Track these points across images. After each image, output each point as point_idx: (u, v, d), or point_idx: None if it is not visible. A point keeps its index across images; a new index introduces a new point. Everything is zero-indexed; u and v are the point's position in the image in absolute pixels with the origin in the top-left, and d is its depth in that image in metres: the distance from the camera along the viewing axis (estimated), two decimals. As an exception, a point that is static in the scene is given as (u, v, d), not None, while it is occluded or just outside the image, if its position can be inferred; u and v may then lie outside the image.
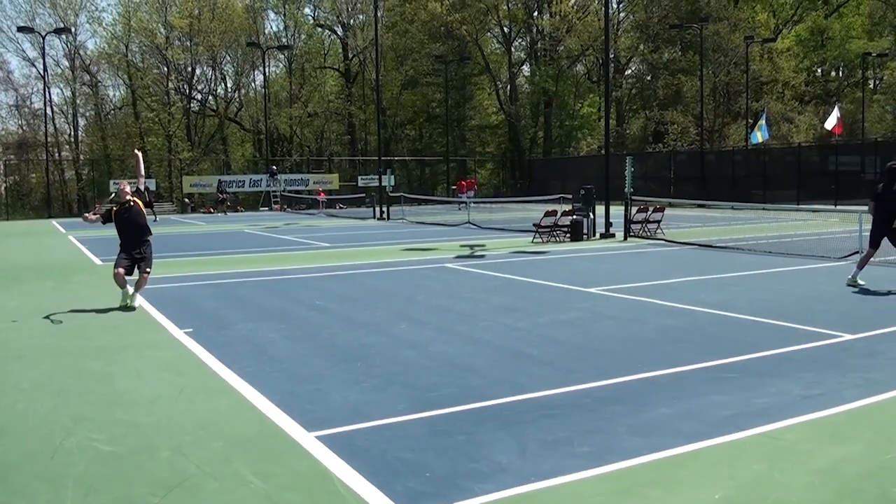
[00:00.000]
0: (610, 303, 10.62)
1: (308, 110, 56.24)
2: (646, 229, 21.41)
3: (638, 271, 14.10)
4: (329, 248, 20.05)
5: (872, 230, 11.52)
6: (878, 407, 5.84)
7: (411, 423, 5.52)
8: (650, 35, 56.46)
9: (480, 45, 57.15)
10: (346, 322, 9.47)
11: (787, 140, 49.09)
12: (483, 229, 25.50)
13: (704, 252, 17.53)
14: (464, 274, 14.11)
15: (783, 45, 55.92)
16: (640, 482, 4.46)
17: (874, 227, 11.48)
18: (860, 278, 11.46)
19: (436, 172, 59.10)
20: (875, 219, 11.45)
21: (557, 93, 57.21)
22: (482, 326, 9.01)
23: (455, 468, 4.67)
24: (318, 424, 5.49)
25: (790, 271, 13.58)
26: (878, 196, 11.45)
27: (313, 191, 46.57)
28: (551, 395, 6.16)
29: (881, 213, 11.35)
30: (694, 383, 6.45)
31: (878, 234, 11.41)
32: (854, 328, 8.54)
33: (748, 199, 37.71)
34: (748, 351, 7.52)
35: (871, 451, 4.93)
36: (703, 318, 9.40)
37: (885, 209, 11.31)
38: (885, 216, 11.30)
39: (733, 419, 5.50)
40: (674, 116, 53.33)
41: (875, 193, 11.58)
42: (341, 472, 4.61)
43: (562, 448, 4.98)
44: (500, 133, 63.10)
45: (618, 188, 22.96)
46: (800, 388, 6.29)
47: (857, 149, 40.42)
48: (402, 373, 6.92)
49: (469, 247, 19.20)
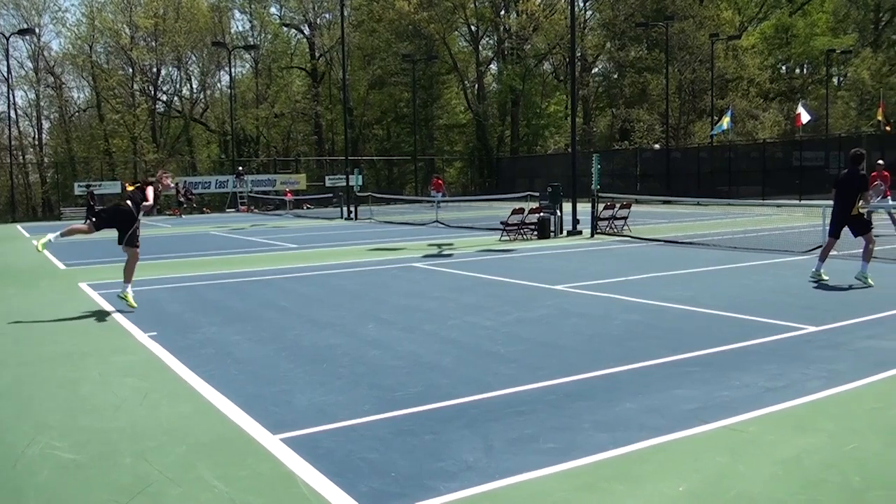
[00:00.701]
0: (577, 300, 10.66)
1: (275, 110, 55.85)
2: (612, 226, 21.55)
3: (605, 268, 14.17)
4: (296, 248, 19.94)
5: (832, 219, 11.50)
6: (841, 398, 5.92)
7: (377, 424, 5.50)
8: (616, 33, 56.87)
9: (448, 44, 57.15)
10: (313, 323, 9.41)
11: (752, 136, 49.68)
12: (451, 228, 25.51)
13: (670, 248, 17.68)
14: (431, 273, 14.10)
15: (748, 43, 56.55)
16: (605, 477, 4.47)
17: (834, 215, 11.45)
18: (824, 272, 11.44)
19: (404, 172, 59.05)
20: (836, 206, 11.41)
21: (524, 91, 57.40)
22: (449, 325, 9.00)
23: (421, 468, 4.66)
24: (283, 426, 5.44)
25: (755, 266, 13.72)
26: (839, 182, 11.40)
27: (280, 191, 46.31)
28: (518, 392, 6.17)
29: (842, 199, 11.29)
30: (659, 378, 6.49)
31: (839, 222, 11.39)
32: (817, 321, 8.65)
33: (714, 195, 38.14)
34: (713, 345, 7.59)
35: (834, 442, 4.99)
36: (669, 314, 9.47)
37: (845, 196, 11.24)
38: (845, 203, 11.25)
39: (697, 413, 5.54)
40: (639, 114, 53.72)
41: (836, 180, 11.55)
42: (306, 474, 4.58)
43: (527, 445, 4.99)
44: (467, 132, 63.16)
45: (584, 186, 23.09)
46: (763, 380, 6.35)
47: (821, 144, 41.02)
48: (369, 373, 6.89)
49: (437, 246, 19.20)
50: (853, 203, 11.19)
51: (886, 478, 4.43)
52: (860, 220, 11.33)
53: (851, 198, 11.18)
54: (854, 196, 11.17)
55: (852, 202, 11.19)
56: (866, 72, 55.85)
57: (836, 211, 11.42)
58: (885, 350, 7.31)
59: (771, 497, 4.19)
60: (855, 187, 11.16)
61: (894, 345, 7.51)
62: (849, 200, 11.21)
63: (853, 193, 11.16)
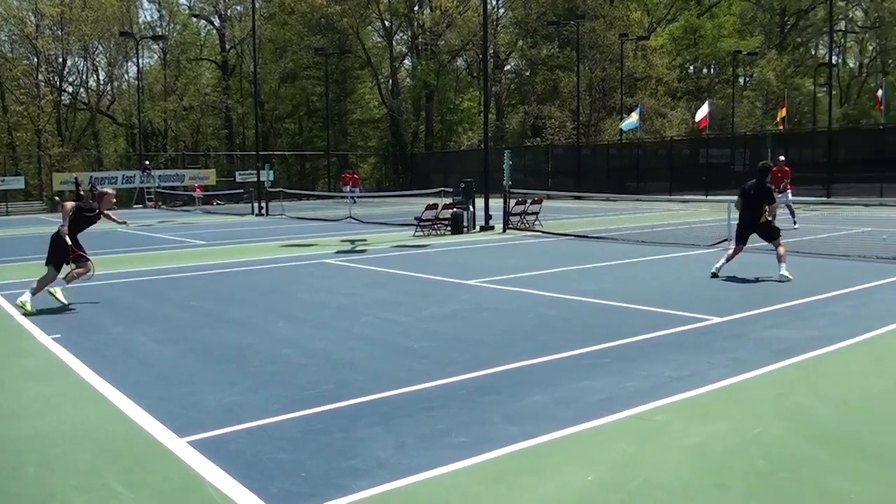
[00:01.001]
0: (489, 294, 10.74)
1: (183, 103, 54.39)
2: (524, 221, 21.79)
3: (517, 263, 14.32)
4: (206, 245, 19.50)
5: (739, 228, 11.79)
6: (744, 385, 6.12)
7: (287, 423, 5.40)
8: (529, 31, 57.51)
9: (361, 39, 56.80)
10: (222, 322, 9.21)
11: (660, 134, 50.98)
12: (364, 224, 25.38)
13: (581, 242, 17.99)
14: (344, 269, 13.99)
15: (657, 43, 58.01)
16: (515, 469, 4.51)
17: (742, 224, 11.74)
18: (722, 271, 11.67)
19: (316, 167, 58.43)
20: (744, 216, 11.70)
21: (438, 87, 57.52)
22: (362, 322, 8.93)
23: (331, 466, 4.60)
24: (191, 429, 5.29)
25: (662, 259, 14.07)
26: (747, 193, 11.69)
27: (189, 187, 45.22)
28: (430, 387, 6.16)
29: (750, 210, 11.60)
30: (569, 370, 6.58)
31: (746, 231, 11.70)
32: (722, 312, 8.93)
33: (623, 190, 39.02)
34: (621, 337, 7.74)
35: (738, 428, 5.15)
36: (579, 307, 9.63)
37: (753, 206, 11.56)
38: (753, 213, 11.57)
39: (605, 403, 5.64)
40: (551, 111, 54.50)
41: (743, 190, 11.84)
42: (214, 478, 4.46)
43: (439, 440, 4.99)
44: (381, 127, 62.94)
45: (497, 181, 23.28)
46: (670, 370, 6.51)
47: (727, 142, 42.45)
48: (279, 372, 6.78)
49: (350, 242, 19.06)
50: (761, 213, 11.55)
51: (789, 461, 4.59)
52: (769, 228, 11.66)
53: (759, 208, 11.55)
54: (761, 206, 11.54)
55: (760, 212, 11.55)
56: (771, 73, 58.01)
57: (744, 221, 11.72)
58: (785, 339, 7.59)
59: (677, 483, 4.29)
60: (762, 198, 11.53)
61: (794, 334, 7.81)
62: (757, 210, 11.57)
63: (760, 204, 11.53)
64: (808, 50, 68.98)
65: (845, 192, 31.81)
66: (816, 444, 4.88)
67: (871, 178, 31.98)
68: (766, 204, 11.52)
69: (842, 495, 4.13)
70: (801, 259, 13.79)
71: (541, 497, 4.14)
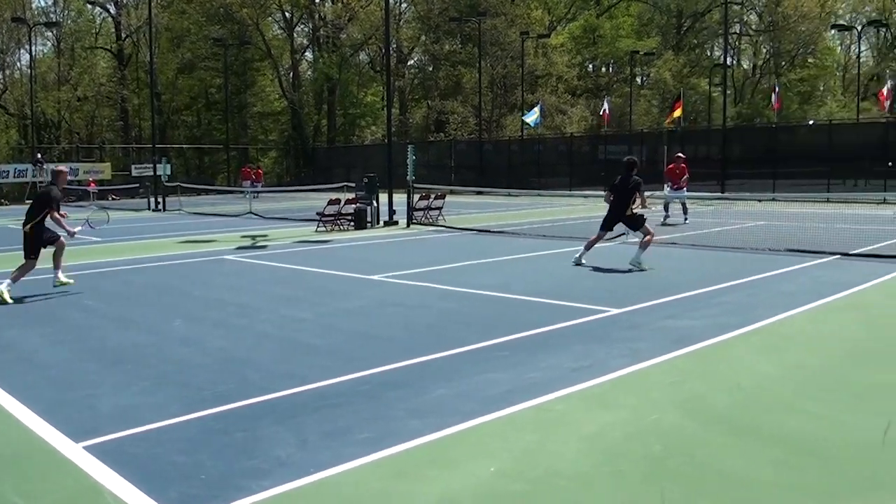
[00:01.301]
0: (393, 289, 10.73)
1: (78, 94, 52.13)
2: (428, 216, 21.86)
3: (421, 257, 14.35)
4: (101, 242, 18.79)
5: (607, 217, 12.59)
6: (642, 374, 6.31)
7: (185, 424, 5.27)
8: (431, 27, 57.59)
9: (261, 30, 55.69)
10: (118, 322, 8.91)
11: (560, 130, 51.93)
12: (266, 219, 24.97)
13: (483, 237, 18.17)
14: (244, 266, 13.73)
15: (557, 42, 59.03)
16: (419, 463, 4.53)
17: (610, 214, 12.55)
18: (584, 259, 12.49)
19: (216, 161, 57.04)
20: (612, 207, 12.50)
21: (341, 81, 57.01)
22: (263, 319, 8.79)
23: (232, 467, 4.51)
24: (87, 434, 5.10)
25: (562, 253, 14.32)
26: (616, 187, 12.49)
27: (84, 181, 43.49)
28: (333, 384, 6.12)
29: (619, 202, 12.39)
30: (471, 363, 6.64)
31: (613, 221, 12.53)
32: (620, 303, 9.18)
33: (524, 185, 39.57)
34: (523, 329, 7.86)
35: (636, 415, 5.32)
36: (482, 301, 9.72)
37: (621, 199, 12.37)
38: (621, 205, 12.35)
39: (507, 395, 5.72)
40: (454, 107, 54.78)
41: (613, 185, 12.63)
42: (112, 484, 4.31)
43: (342, 437, 4.95)
44: (282, 120, 61.95)
45: (401, 176, 23.26)
46: (570, 361, 6.65)
47: (625, 139, 43.58)
48: (176, 372, 6.60)
49: (251, 237, 18.73)
50: (628, 205, 12.33)
51: (684, 445, 4.76)
52: (634, 218, 12.45)
53: (626, 200, 12.33)
54: (629, 199, 12.33)
55: (627, 204, 12.34)
56: (668, 73, 59.79)
57: (613, 212, 12.51)
58: (681, 328, 7.86)
59: (577, 470, 4.40)
60: (630, 191, 12.32)
61: (689, 323, 8.10)
62: (624, 203, 12.36)
63: (628, 197, 12.32)
64: (703, 51, 71.41)
65: (739, 188, 33.12)
66: (711, 427, 5.08)
67: (764, 174, 33.42)
68: (635, 197, 12.32)
69: (735, 475, 4.31)
70: (696, 252, 14.32)
71: (444, 489, 4.17)
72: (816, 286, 10.30)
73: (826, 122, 39.55)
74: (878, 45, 71.24)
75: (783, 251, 13.82)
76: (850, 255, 13.17)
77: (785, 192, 29.85)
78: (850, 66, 70.89)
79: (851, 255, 13.25)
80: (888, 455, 4.58)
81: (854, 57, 66.97)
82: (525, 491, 4.15)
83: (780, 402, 5.59)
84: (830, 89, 71.76)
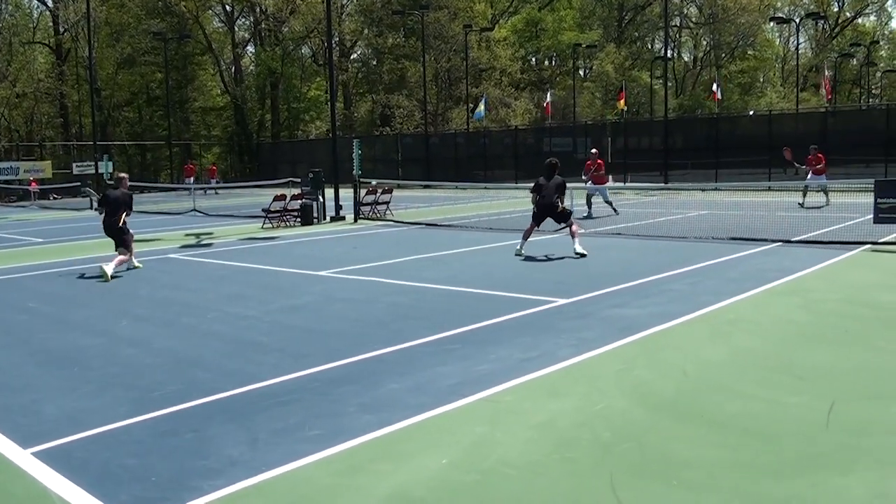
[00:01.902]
0: (341, 285, 10.70)
1: (16, 90, 50.67)
2: (375, 211, 21.81)
3: (368, 252, 14.32)
4: (42, 243, 18.38)
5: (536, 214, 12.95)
6: (590, 363, 6.41)
7: (134, 427, 5.20)
8: (374, 20, 57.32)
9: (202, 23, 54.87)
10: (61, 324, 8.73)
11: (504, 123, 52.17)
12: (210, 217, 24.65)
13: (431, 231, 18.21)
14: (189, 264, 13.55)
15: (500, 35, 59.20)
16: (370, 458, 4.54)
17: (538, 212, 12.89)
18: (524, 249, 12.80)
19: (158, 158, 56.06)
20: (539, 206, 12.83)
21: (284, 75, 56.47)
22: (210, 317, 8.70)
23: (183, 468, 4.47)
24: (33, 439, 5.00)
25: (509, 245, 14.40)
26: (541, 187, 12.86)
27: (24, 180, 42.37)
28: (282, 381, 6.09)
29: (544, 201, 12.73)
30: (421, 357, 6.67)
31: (542, 216, 12.92)
32: (567, 293, 9.29)
33: (471, 178, 39.71)
34: (471, 322, 7.91)
35: (584, 403, 5.40)
36: (430, 294, 9.75)
37: (546, 198, 12.72)
38: (548, 203, 12.70)
39: (457, 388, 5.76)
40: (399, 100, 54.66)
41: (537, 185, 12.98)
42: (61, 489, 4.24)
43: (293, 434, 4.94)
44: (225, 116, 61.13)
45: (347, 171, 23.16)
46: (519, 352, 6.72)
47: (569, 131, 43.92)
48: (123, 374, 6.50)
49: (195, 235, 18.48)
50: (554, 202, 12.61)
51: (632, 431, 4.86)
52: (562, 213, 12.82)
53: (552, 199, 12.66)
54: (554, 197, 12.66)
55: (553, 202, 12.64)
56: (610, 65, 60.45)
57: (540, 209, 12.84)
58: (627, 317, 8.00)
59: (527, 459, 4.46)
60: (555, 191, 12.74)
61: (635, 312, 8.24)
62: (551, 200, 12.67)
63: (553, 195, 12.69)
64: (644, 44, 72.41)
65: (682, 178, 33.69)
66: (658, 413, 5.18)
67: (706, 164, 34.09)
68: (559, 196, 12.79)
69: (682, 459, 4.41)
70: (641, 242, 14.55)
71: (396, 483, 4.19)
72: (759, 273, 10.55)
73: (766, 112, 40.38)
74: (817, 36, 73.14)
75: (727, 239, 14.12)
76: (792, 242, 13.52)
77: (727, 181, 30.48)
78: (790, 57, 72.62)
79: (793, 241, 13.60)
80: (832, 435, 4.73)
81: (793, 49, 68.65)
82: (477, 481, 4.20)
83: (725, 386, 5.72)
84: (770, 80, 73.39)
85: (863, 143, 31.22)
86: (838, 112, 40.95)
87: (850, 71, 71.63)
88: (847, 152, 30.83)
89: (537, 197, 12.92)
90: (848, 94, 72.10)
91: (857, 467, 4.25)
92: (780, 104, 57.79)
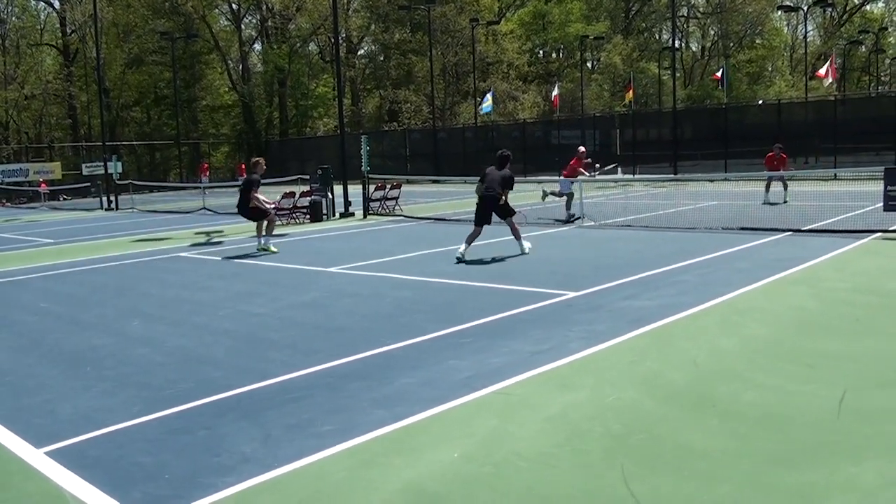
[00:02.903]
0: (351, 281, 10.71)
1: (25, 92, 50.87)
2: (384, 206, 21.82)
3: (377, 248, 14.34)
4: (53, 244, 18.47)
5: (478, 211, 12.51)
6: (600, 355, 6.40)
7: (147, 425, 5.23)
8: (381, 15, 57.33)
9: (208, 22, 54.96)
10: (74, 324, 8.77)
11: (512, 117, 52.09)
12: (219, 215, 24.68)
13: (440, 225, 18.21)
14: (200, 262, 13.60)
15: (507, 28, 59.10)
16: (384, 452, 4.55)
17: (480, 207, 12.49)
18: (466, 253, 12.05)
19: (167, 157, 56.21)
20: (486, 198, 12.40)
21: (291, 72, 56.51)
22: (220, 315, 8.73)
23: (196, 465, 4.49)
24: (48, 439, 5.03)
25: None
26: (486, 175, 12.51)
27: (34, 182, 42.58)
28: (294, 377, 6.11)
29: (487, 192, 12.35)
30: (433, 351, 6.68)
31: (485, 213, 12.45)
32: (578, 286, 9.28)
33: (479, 173, 39.58)
34: (482, 315, 7.91)
35: (595, 396, 5.40)
36: (440, 288, 9.77)
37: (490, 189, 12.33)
38: (490, 195, 12.32)
39: (469, 381, 5.76)
40: (407, 96, 54.62)
41: (483, 173, 12.65)
42: (75, 488, 4.26)
43: (305, 430, 4.96)
44: (234, 114, 61.22)
45: (355, 167, 23.18)
46: (530, 345, 6.72)
47: (577, 124, 43.83)
48: (136, 373, 6.53)
49: (205, 234, 18.54)
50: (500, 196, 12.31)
51: (644, 423, 4.85)
52: (505, 208, 12.44)
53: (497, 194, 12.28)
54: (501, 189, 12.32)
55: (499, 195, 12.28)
56: (618, 57, 60.31)
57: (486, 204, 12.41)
58: (638, 309, 7.98)
59: (539, 451, 4.46)
60: (503, 184, 12.36)
61: (646, 303, 8.22)
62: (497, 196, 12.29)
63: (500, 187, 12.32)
64: (652, 35, 72.17)
65: (692, 169, 33.56)
66: (669, 404, 5.18)
67: (715, 154, 33.91)
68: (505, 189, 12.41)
69: (693, 448, 4.41)
70: (651, 233, 14.51)
71: (410, 477, 4.20)
72: (770, 262, 10.52)
73: (775, 101, 40.19)
74: (825, 24, 72.66)
75: (737, 230, 14.08)
76: (803, 232, 13.47)
77: (736, 171, 30.34)
78: (798, 45, 72.23)
79: (804, 231, 13.55)
80: (843, 423, 4.72)
81: (801, 37, 68.28)
82: (489, 473, 4.20)
83: (737, 376, 5.71)
84: (778, 69, 73.05)
85: (872, 131, 31.00)
86: (847, 100, 40.76)
87: (859, 58, 71.21)
88: (857, 140, 30.67)
89: (482, 186, 12.54)
90: (857, 82, 71.71)
91: (869, 455, 4.23)
92: (790, 93, 57.51)
